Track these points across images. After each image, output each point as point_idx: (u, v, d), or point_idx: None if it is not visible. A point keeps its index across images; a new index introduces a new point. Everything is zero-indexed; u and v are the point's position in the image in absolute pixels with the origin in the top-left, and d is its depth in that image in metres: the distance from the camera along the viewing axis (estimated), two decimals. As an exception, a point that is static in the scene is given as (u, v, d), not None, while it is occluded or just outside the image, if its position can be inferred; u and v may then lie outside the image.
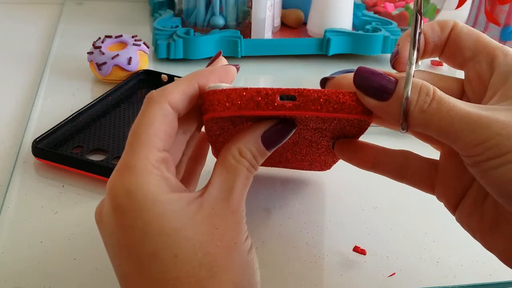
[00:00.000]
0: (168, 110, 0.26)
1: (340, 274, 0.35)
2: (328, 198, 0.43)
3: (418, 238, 0.39)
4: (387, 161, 0.33)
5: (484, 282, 0.36)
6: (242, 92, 0.26)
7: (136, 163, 0.25)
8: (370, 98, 0.26)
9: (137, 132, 0.26)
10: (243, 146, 0.27)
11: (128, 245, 0.24)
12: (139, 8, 0.83)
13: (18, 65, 0.64)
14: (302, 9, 0.74)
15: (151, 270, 0.24)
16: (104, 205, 0.26)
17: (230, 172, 0.26)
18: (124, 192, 0.24)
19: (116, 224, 0.25)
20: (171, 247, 0.24)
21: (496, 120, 0.24)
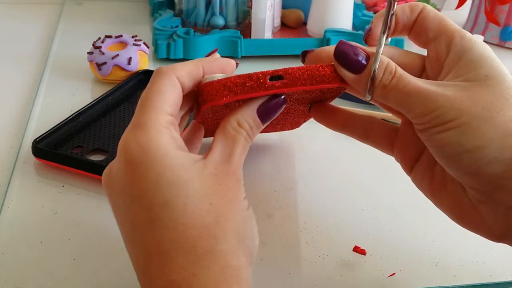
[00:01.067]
0: (176, 82, 0.29)
1: (340, 274, 0.35)
2: (328, 198, 0.43)
3: (418, 238, 0.39)
4: (355, 123, 0.37)
5: (484, 282, 0.36)
6: (236, 80, 0.30)
7: (148, 121, 0.27)
8: (346, 71, 0.31)
9: (148, 97, 0.28)
10: (241, 117, 0.30)
11: (140, 196, 0.26)
12: (139, 8, 0.83)
13: (18, 65, 0.64)
14: (302, 9, 0.75)
15: (162, 217, 0.26)
16: (113, 166, 0.28)
17: (230, 140, 0.29)
18: (137, 146, 0.27)
19: (128, 177, 0.27)
20: (181, 196, 0.26)
21: (443, 95, 0.28)
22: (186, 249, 0.26)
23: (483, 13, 0.80)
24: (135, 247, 0.27)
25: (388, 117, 0.52)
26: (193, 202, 0.26)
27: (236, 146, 0.29)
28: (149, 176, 0.26)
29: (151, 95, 0.28)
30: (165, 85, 0.29)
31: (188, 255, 0.26)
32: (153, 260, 0.26)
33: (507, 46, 0.79)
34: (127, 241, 0.28)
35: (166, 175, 0.26)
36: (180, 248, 0.26)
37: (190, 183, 0.26)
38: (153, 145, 0.27)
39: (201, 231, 0.26)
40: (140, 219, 0.26)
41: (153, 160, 0.26)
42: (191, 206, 0.26)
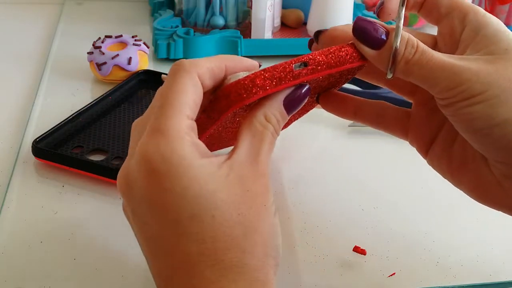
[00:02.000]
0: (198, 81, 0.28)
1: (340, 274, 0.35)
2: (328, 198, 0.43)
3: (418, 238, 0.39)
4: (366, 110, 0.36)
5: (484, 282, 0.36)
6: (264, 74, 0.28)
7: (169, 128, 0.26)
8: (366, 47, 0.30)
9: (168, 98, 0.27)
10: (269, 111, 0.28)
11: (166, 208, 0.25)
12: (139, 8, 0.83)
13: (18, 65, 0.63)
14: (302, 9, 0.74)
15: (190, 231, 0.25)
16: (130, 172, 0.26)
17: (257, 137, 0.28)
18: (159, 157, 0.25)
19: (150, 188, 0.25)
20: (209, 208, 0.25)
21: (468, 68, 0.27)
22: (214, 262, 0.25)
23: (483, 13, 0.80)
24: (158, 257, 0.26)
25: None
26: (221, 213, 0.25)
27: (263, 143, 0.28)
28: (174, 189, 0.25)
29: (172, 96, 0.27)
30: (187, 84, 0.27)
31: (216, 268, 0.25)
32: (180, 271, 0.25)
33: (507, 46, 0.78)
34: (148, 250, 0.27)
35: (192, 188, 0.25)
36: (208, 261, 0.25)
37: (217, 194, 0.25)
38: (176, 155, 0.25)
39: (229, 244, 0.25)
40: (165, 231, 0.26)
41: (177, 172, 0.25)
42: (219, 218, 0.25)
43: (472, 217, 0.42)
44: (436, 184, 0.45)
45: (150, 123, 0.27)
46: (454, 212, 0.42)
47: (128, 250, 0.37)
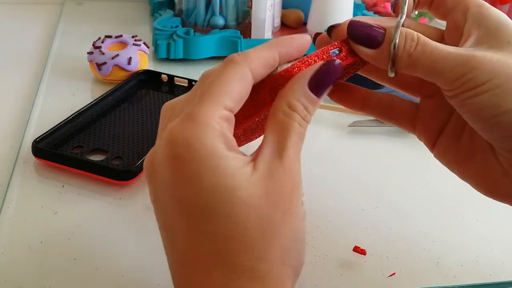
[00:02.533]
0: (247, 75, 0.26)
1: (340, 274, 0.35)
2: (328, 198, 0.43)
3: (418, 238, 0.39)
4: (374, 102, 0.35)
5: (484, 282, 0.36)
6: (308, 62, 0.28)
7: (201, 115, 0.24)
8: (363, 47, 0.29)
9: (210, 87, 0.25)
10: (292, 98, 0.26)
11: (181, 198, 0.24)
12: (139, 8, 0.83)
13: (18, 65, 0.64)
14: (302, 9, 0.74)
15: (202, 226, 0.24)
16: (157, 153, 0.25)
17: (281, 130, 0.26)
18: (183, 141, 0.24)
19: (170, 175, 0.24)
20: (225, 206, 0.23)
21: (473, 56, 0.27)
22: (225, 263, 0.24)
23: (483, 13, 0.79)
24: (173, 250, 0.25)
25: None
26: (238, 213, 0.23)
27: (289, 136, 0.25)
28: (192, 177, 0.23)
29: (213, 85, 0.25)
30: (233, 75, 0.25)
31: (226, 270, 0.24)
32: (191, 268, 0.24)
33: (507, 46, 0.78)
34: (166, 241, 0.26)
35: (209, 179, 0.23)
36: (219, 260, 0.24)
37: (236, 191, 0.23)
38: (200, 142, 0.24)
39: (244, 246, 0.24)
40: (179, 223, 0.24)
41: (197, 160, 0.23)
42: (235, 218, 0.23)
43: (472, 217, 0.42)
44: (436, 184, 0.45)
45: (186, 109, 0.25)
46: (454, 212, 0.42)
47: (128, 250, 0.37)
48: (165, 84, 0.58)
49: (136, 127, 0.49)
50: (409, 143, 0.51)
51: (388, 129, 0.53)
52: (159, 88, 0.57)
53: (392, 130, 0.52)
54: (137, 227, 0.39)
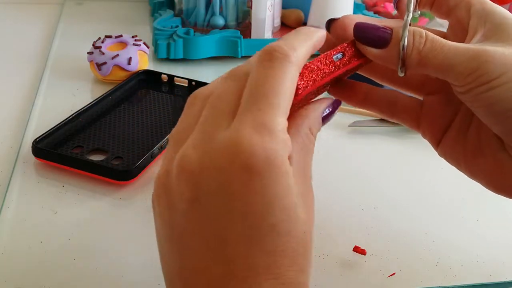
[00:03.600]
0: (298, 75, 0.26)
1: (340, 274, 0.35)
2: (328, 198, 0.43)
3: (418, 238, 0.39)
4: (377, 97, 0.35)
5: (484, 282, 0.36)
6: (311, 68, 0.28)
7: (276, 128, 0.24)
8: (370, 48, 0.29)
9: (276, 92, 0.24)
10: (313, 124, 0.28)
11: (248, 211, 0.23)
12: (139, 8, 0.83)
13: (18, 65, 0.64)
14: (302, 9, 0.74)
15: (265, 240, 0.24)
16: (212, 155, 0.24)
17: (304, 150, 0.27)
18: (263, 155, 0.23)
19: (238, 185, 0.23)
20: (289, 222, 0.24)
21: (484, 51, 0.27)
22: (276, 276, 0.24)
23: (483, 13, 0.79)
24: (213, 258, 0.24)
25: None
26: (296, 229, 0.24)
27: (309, 157, 0.27)
28: (267, 193, 0.23)
29: (278, 89, 0.24)
30: (291, 79, 0.25)
31: (276, 283, 0.24)
32: (238, 279, 0.24)
33: (507, 46, 0.78)
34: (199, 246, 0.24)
35: (282, 198, 0.23)
36: (271, 274, 0.24)
37: (297, 208, 0.24)
38: (279, 159, 0.23)
39: (293, 260, 0.24)
40: (236, 234, 0.24)
41: (275, 177, 0.23)
42: (294, 234, 0.24)
43: (472, 217, 0.42)
44: (436, 184, 0.45)
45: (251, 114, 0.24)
46: (454, 212, 0.42)
47: (128, 250, 0.37)
48: (165, 84, 0.58)
49: (136, 127, 0.49)
50: (409, 143, 0.51)
51: (388, 129, 0.53)
52: (159, 88, 0.57)
53: (392, 130, 0.52)
54: (137, 227, 0.39)
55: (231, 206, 0.23)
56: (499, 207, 0.43)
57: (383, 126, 0.52)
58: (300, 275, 0.25)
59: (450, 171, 0.47)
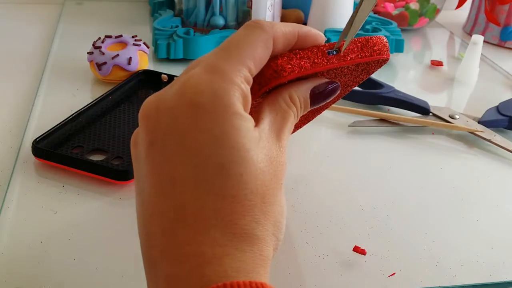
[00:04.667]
0: (270, 44, 0.27)
1: (340, 274, 0.35)
2: (328, 198, 0.43)
3: (418, 238, 0.39)
4: None
5: (484, 282, 0.36)
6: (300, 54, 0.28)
7: (229, 70, 0.24)
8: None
9: (236, 44, 0.25)
10: (295, 93, 0.28)
11: (196, 148, 0.23)
12: (139, 8, 0.83)
13: (18, 65, 0.64)
14: (302, 9, 0.74)
15: (212, 180, 0.23)
16: (167, 98, 0.25)
17: (280, 115, 0.27)
18: (210, 92, 0.23)
19: (188, 122, 0.23)
20: (240, 164, 0.23)
21: None
22: (227, 224, 0.23)
23: (483, 13, 0.80)
24: (165, 201, 0.24)
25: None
26: (249, 174, 0.23)
27: (286, 122, 0.27)
28: (214, 130, 0.23)
29: (241, 43, 0.25)
30: (259, 40, 0.26)
31: (227, 231, 0.23)
32: (187, 223, 0.23)
33: (507, 46, 0.78)
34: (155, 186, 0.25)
35: (232, 136, 0.23)
36: (221, 220, 0.23)
37: (250, 152, 0.24)
38: (228, 97, 0.23)
39: (247, 209, 0.24)
40: (186, 173, 0.23)
41: (223, 115, 0.23)
42: (246, 178, 0.23)
43: (472, 217, 0.42)
44: (436, 184, 0.45)
45: (207, 59, 0.25)
46: (454, 212, 0.42)
47: (128, 250, 0.37)
48: (165, 84, 0.58)
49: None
50: (409, 143, 0.51)
51: (388, 129, 0.53)
52: (159, 88, 0.57)
53: (392, 130, 0.52)
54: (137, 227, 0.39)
55: (181, 144, 0.24)
56: (499, 207, 0.43)
57: (383, 126, 0.52)
58: (257, 227, 0.24)
59: (450, 171, 0.47)
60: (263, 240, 0.24)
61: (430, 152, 0.50)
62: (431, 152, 0.50)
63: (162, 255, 0.24)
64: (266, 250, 0.24)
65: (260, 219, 0.24)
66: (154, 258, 0.24)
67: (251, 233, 0.24)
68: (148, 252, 0.25)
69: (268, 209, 0.25)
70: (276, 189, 0.25)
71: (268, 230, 0.25)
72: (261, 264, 0.24)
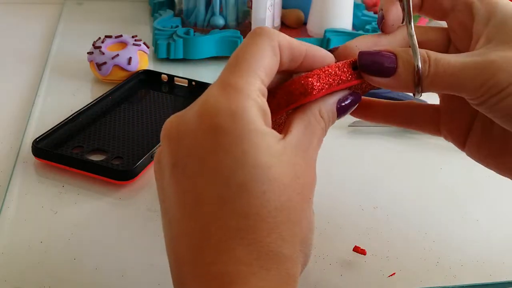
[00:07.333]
0: (277, 50, 0.26)
1: (340, 274, 0.35)
2: (327, 198, 0.43)
3: (418, 238, 0.39)
4: (395, 113, 0.35)
5: (484, 282, 0.36)
6: (329, 71, 0.28)
7: (244, 85, 0.24)
8: (378, 78, 0.29)
9: (244, 56, 0.25)
10: (324, 108, 0.27)
11: (217, 169, 0.23)
12: (139, 8, 0.83)
13: (18, 65, 0.63)
14: (302, 9, 0.74)
15: (236, 200, 0.23)
16: (187, 120, 0.25)
17: (309, 129, 0.27)
18: (228, 111, 0.23)
19: (208, 143, 0.23)
20: (262, 182, 0.23)
21: (490, 62, 0.27)
22: (252, 242, 0.23)
23: (483, 13, 0.79)
24: (191, 222, 0.24)
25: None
26: (272, 192, 0.23)
27: (314, 137, 0.27)
28: (234, 150, 0.23)
29: (249, 54, 0.25)
30: (266, 49, 0.25)
31: (252, 250, 0.23)
32: (212, 243, 0.23)
33: (507, 46, 0.78)
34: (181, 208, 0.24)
35: (251, 154, 0.23)
36: (245, 239, 0.23)
37: (272, 169, 0.23)
38: (247, 115, 0.23)
39: (272, 226, 0.23)
40: (209, 195, 0.23)
41: (243, 133, 0.23)
42: (269, 195, 0.23)
43: (472, 217, 0.42)
44: (436, 184, 0.45)
45: (221, 77, 0.25)
46: (454, 212, 0.42)
47: (128, 250, 0.37)
48: (165, 84, 0.58)
49: (136, 127, 0.49)
50: (409, 143, 0.51)
51: (388, 129, 0.53)
52: (159, 88, 0.57)
53: (392, 130, 0.52)
54: (137, 227, 0.39)
55: (203, 165, 0.24)
56: (499, 207, 0.43)
57: (383, 126, 0.52)
58: (283, 245, 0.24)
59: (450, 171, 0.47)
60: (290, 258, 0.24)
61: (430, 152, 0.50)
62: (431, 152, 0.50)
63: (191, 276, 0.24)
64: (293, 268, 0.24)
65: (286, 236, 0.24)
66: (183, 279, 0.24)
67: (277, 250, 0.23)
68: (177, 271, 0.25)
69: (295, 225, 0.24)
70: (304, 204, 0.25)
71: (295, 248, 0.24)
72: (287, 282, 0.24)
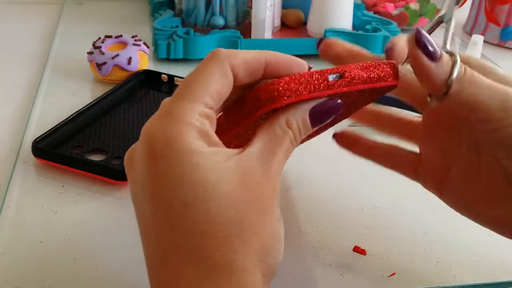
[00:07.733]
0: (228, 72, 0.26)
1: (340, 274, 0.35)
2: (328, 198, 0.43)
3: (418, 238, 0.39)
4: (378, 151, 0.37)
5: (484, 282, 0.36)
6: (299, 79, 0.27)
7: (181, 113, 0.25)
8: (425, 58, 0.28)
9: (190, 85, 0.26)
10: (291, 116, 0.27)
11: (160, 194, 0.24)
12: (139, 8, 0.83)
13: (18, 65, 0.64)
14: (302, 9, 0.74)
15: (181, 221, 0.24)
16: (136, 151, 0.26)
17: (274, 140, 0.26)
18: (162, 138, 0.24)
19: (149, 170, 0.24)
20: (205, 199, 0.24)
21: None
22: (200, 259, 0.24)
23: (483, 13, 0.80)
24: (149, 248, 0.25)
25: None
26: (218, 207, 0.24)
27: (279, 148, 0.26)
28: (172, 173, 0.24)
29: (194, 83, 0.26)
30: (213, 73, 0.26)
31: (202, 267, 0.23)
32: (167, 266, 0.24)
33: (507, 46, 0.78)
34: (145, 239, 0.26)
35: (190, 175, 0.24)
36: (194, 257, 0.24)
37: (216, 186, 0.24)
38: (181, 139, 0.24)
39: (221, 241, 0.24)
40: (157, 218, 0.24)
41: (178, 157, 0.24)
42: (215, 211, 0.24)
43: (472, 217, 0.42)
44: (436, 184, 0.45)
45: (163, 104, 0.26)
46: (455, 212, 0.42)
47: (128, 250, 0.37)
48: (165, 84, 0.58)
49: (136, 127, 0.49)
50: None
51: (388, 129, 0.52)
52: (159, 88, 0.57)
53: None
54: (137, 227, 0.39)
55: (147, 192, 0.25)
56: (499, 207, 0.43)
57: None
58: (236, 258, 0.24)
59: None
60: (244, 270, 0.24)
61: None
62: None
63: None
64: (249, 278, 0.24)
65: (238, 248, 0.24)
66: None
67: (228, 263, 0.24)
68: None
69: (251, 236, 0.24)
70: (260, 215, 0.25)
71: (251, 258, 0.24)
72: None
